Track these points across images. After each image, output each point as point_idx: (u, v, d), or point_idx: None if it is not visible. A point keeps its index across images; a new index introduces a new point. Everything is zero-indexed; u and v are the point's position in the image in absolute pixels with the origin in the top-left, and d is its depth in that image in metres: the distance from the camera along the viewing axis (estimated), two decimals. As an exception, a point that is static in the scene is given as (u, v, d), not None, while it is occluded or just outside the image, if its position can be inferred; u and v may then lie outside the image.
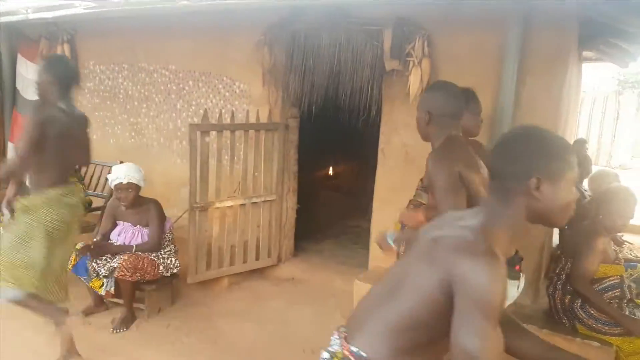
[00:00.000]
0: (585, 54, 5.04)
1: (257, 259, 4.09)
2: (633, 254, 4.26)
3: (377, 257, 3.70)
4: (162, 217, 3.46)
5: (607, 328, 2.44)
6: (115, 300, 3.44)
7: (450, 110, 2.00)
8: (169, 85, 4.58)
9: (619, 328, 2.42)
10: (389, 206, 3.62)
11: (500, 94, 2.98)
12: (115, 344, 3.11)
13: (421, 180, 2.65)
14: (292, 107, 4.16)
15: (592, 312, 2.47)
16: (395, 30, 3.15)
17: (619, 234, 4.56)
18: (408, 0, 3.06)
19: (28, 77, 5.12)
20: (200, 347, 3.10)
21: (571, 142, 2.26)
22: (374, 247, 3.73)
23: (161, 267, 3.39)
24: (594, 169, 4.75)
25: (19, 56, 5.29)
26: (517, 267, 1.90)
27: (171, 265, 3.46)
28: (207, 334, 3.26)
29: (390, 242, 1.95)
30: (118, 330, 3.24)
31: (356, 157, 6.33)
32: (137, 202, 3.39)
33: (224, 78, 4.24)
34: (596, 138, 12.72)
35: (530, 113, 3.01)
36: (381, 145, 3.64)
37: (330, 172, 7.25)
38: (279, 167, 4.07)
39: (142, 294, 3.43)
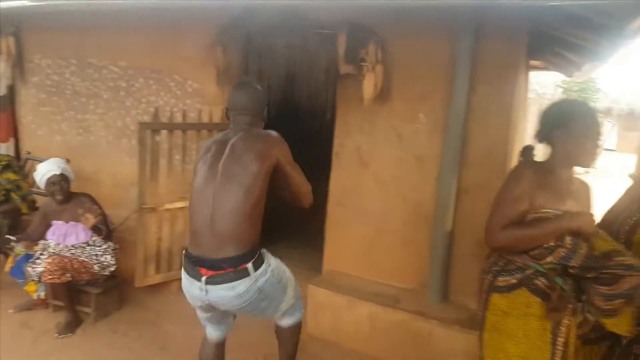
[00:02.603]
0: (533, 62, 5.26)
1: (209, 262, 3.98)
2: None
3: (331, 260, 3.71)
4: (99, 205, 3.40)
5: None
6: (59, 303, 3.33)
7: (232, 103, 2.26)
8: (118, 82, 4.42)
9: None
10: (344, 209, 3.64)
11: (452, 102, 3.04)
12: (59, 349, 2.99)
13: None
14: (247, 108, 4.08)
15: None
16: (350, 35, 3.15)
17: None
18: (361, 1, 3.05)
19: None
20: (149, 354, 3.02)
21: (520, 148, 2.32)
22: (328, 250, 3.73)
23: (96, 267, 3.30)
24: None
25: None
26: (200, 269, 2.02)
27: (106, 264, 3.36)
28: (155, 340, 3.18)
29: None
30: (63, 335, 3.12)
31: (311, 159, 6.29)
32: (68, 196, 3.32)
33: (176, 76, 4.12)
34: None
35: (482, 120, 3.08)
36: (335, 148, 3.65)
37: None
38: (233, 169, 3.98)
39: (89, 297, 3.32)
